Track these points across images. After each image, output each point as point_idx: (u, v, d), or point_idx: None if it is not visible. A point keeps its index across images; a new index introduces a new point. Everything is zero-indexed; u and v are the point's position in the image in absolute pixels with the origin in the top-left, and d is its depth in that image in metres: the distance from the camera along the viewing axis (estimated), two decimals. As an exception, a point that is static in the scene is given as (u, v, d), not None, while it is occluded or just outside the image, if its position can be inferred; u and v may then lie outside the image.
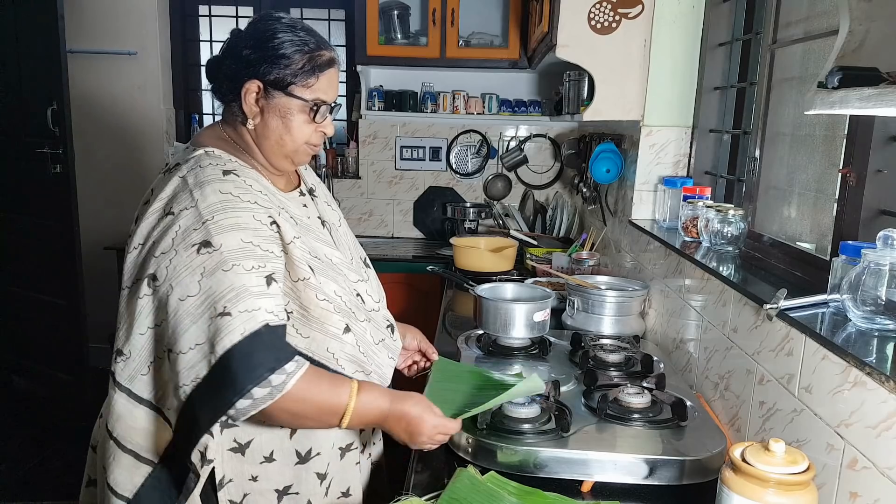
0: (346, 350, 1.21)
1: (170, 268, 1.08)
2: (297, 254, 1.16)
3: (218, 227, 1.08)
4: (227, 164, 1.18)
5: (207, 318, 1.05)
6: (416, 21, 3.58)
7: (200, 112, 4.13)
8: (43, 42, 3.25)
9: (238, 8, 4.05)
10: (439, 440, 1.20)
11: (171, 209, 1.12)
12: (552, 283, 2.32)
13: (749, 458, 0.90)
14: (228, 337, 1.03)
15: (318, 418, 1.14)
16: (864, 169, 1.22)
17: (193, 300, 1.06)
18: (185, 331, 1.06)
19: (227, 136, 1.25)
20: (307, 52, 1.18)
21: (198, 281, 1.06)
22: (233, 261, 1.06)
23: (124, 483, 1.16)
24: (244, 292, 1.05)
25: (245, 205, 1.12)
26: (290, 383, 1.06)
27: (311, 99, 1.19)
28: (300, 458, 1.22)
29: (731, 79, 2.00)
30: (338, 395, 1.12)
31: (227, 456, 1.18)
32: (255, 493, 1.20)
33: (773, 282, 1.36)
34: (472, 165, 3.81)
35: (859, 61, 0.90)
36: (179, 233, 1.09)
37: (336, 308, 1.20)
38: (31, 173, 3.43)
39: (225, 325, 1.04)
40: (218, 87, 1.24)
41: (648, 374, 1.56)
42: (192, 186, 1.13)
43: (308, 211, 1.30)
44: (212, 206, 1.10)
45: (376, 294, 1.37)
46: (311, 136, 1.23)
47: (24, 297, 3.67)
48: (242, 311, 1.05)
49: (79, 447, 3.21)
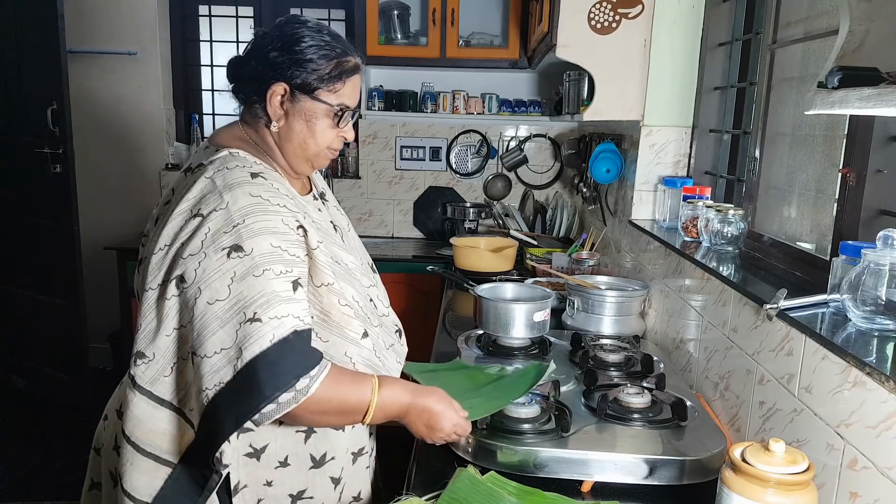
0: (364, 354, 1.21)
1: (199, 270, 1.07)
2: (322, 258, 1.16)
3: (249, 231, 1.07)
4: (253, 166, 1.17)
5: (236, 322, 1.04)
6: (416, 21, 3.58)
7: (200, 112, 4.13)
8: (43, 42, 3.24)
9: (238, 8, 4.05)
10: (454, 439, 1.23)
11: (199, 211, 1.11)
12: (552, 283, 2.32)
13: (749, 458, 0.90)
14: (258, 343, 1.03)
15: (342, 416, 1.15)
16: (864, 169, 1.22)
17: (223, 304, 1.05)
18: (212, 334, 1.05)
19: (247, 136, 1.24)
20: (334, 58, 1.18)
21: (228, 285, 1.05)
22: (263, 266, 1.06)
23: (143, 487, 1.14)
24: (274, 298, 1.05)
25: (275, 208, 1.12)
26: (314, 386, 1.06)
27: (337, 104, 1.19)
28: (315, 462, 1.22)
29: (731, 79, 2.00)
30: (361, 393, 1.13)
31: (243, 461, 1.17)
32: (269, 499, 1.19)
33: (773, 282, 1.36)
34: (472, 165, 3.81)
35: (859, 61, 0.90)
36: (209, 235, 1.08)
37: (356, 313, 1.20)
38: (31, 173, 3.43)
39: (255, 331, 1.03)
40: (240, 88, 1.23)
41: (648, 374, 1.56)
42: (222, 188, 1.11)
43: (322, 215, 1.30)
44: (243, 209, 1.09)
45: (385, 300, 1.37)
46: (333, 140, 1.23)
47: (24, 297, 3.67)
48: (273, 317, 1.04)
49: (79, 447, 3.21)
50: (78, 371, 3.55)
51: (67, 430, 3.35)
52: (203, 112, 4.15)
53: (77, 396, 3.54)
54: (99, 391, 1.28)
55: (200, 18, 4.08)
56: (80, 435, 3.25)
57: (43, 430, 3.37)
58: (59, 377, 3.62)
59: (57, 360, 3.62)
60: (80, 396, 3.52)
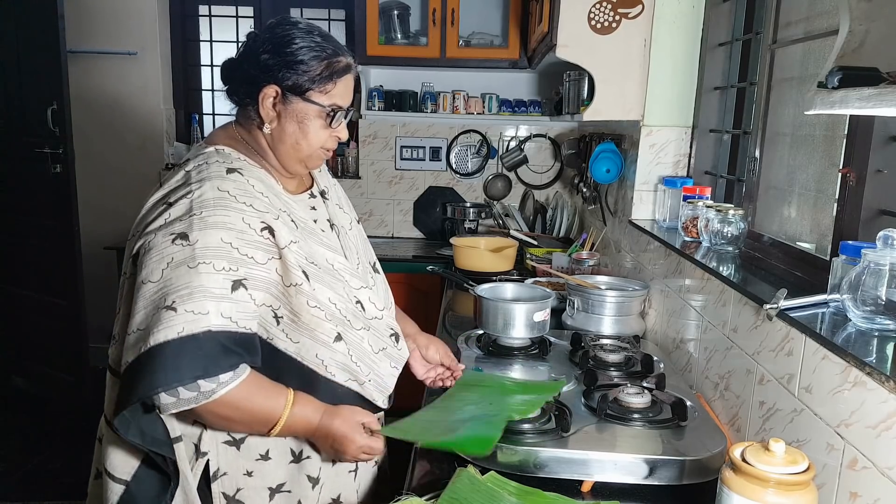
0: (337, 358, 1.21)
1: (144, 248, 1.10)
2: (292, 259, 1.16)
3: (203, 222, 1.09)
4: (233, 162, 1.19)
5: (154, 307, 1.05)
6: (416, 21, 3.58)
7: (200, 112, 4.13)
8: (43, 42, 3.24)
9: (238, 8, 4.05)
10: (364, 459, 1.23)
11: (168, 199, 1.14)
12: (552, 283, 2.32)
13: (749, 458, 0.90)
14: (164, 332, 1.03)
15: (249, 425, 1.15)
16: (864, 169, 1.22)
17: (151, 286, 1.07)
18: (137, 313, 1.07)
19: (239, 136, 1.25)
20: (325, 59, 1.18)
21: (162, 269, 1.07)
22: (202, 259, 1.06)
23: (122, 466, 1.18)
24: (199, 292, 1.05)
25: (238, 205, 1.12)
26: (220, 392, 1.06)
27: (329, 105, 1.20)
28: (294, 456, 1.23)
29: (731, 79, 2.00)
30: (271, 407, 1.13)
31: (223, 449, 1.18)
32: (249, 489, 1.20)
33: (773, 282, 1.36)
34: (472, 165, 3.81)
35: (859, 61, 0.90)
36: (167, 221, 1.11)
37: (328, 316, 1.19)
38: (31, 173, 3.43)
39: (166, 319, 1.03)
40: (234, 90, 1.24)
41: (648, 374, 1.56)
42: (194, 180, 1.14)
43: (316, 213, 1.30)
44: (204, 201, 1.11)
45: (381, 301, 1.34)
46: (326, 140, 1.23)
47: (24, 297, 3.67)
48: (189, 310, 1.04)
49: (79, 447, 3.22)
50: (78, 371, 3.55)
51: (67, 430, 3.35)
52: (203, 112, 4.15)
53: (77, 396, 3.54)
54: (99, 391, 1.29)
55: (200, 18, 4.08)
56: (80, 435, 3.26)
57: (43, 430, 3.37)
58: (59, 377, 3.62)
59: (57, 360, 3.62)
60: (80, 396, 3.52)
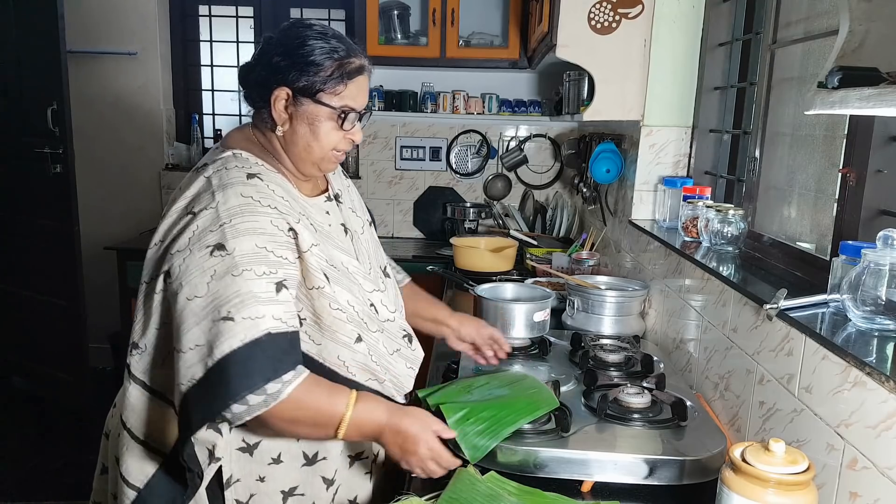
0: (358, 359, 1.21)
1: (182, 266, 1.09)
2: (314, 262, 1.16)
3: (234, 230, 1.09)
4: (252, 167, 1.19)
5: (210, 320, 1.05)
6: (416, 21, 3.58)
7: (200, 112, 4.13)
8: (43, 42, 3.24)
9: (238, 8, 4.05)
10: (431, 468, 1.15)
11: (192, 209, 1.13)
12: (552, 283, 2.32)
13: (749, 458, 0.90)
14: (228, 342, 1.03)
15: (315, 426, 1.12)
16: (864, 169, 1.22)
17: (200, 301, 1.06)
18: (188, 330, 1.06)
19: (256, 139, 1.25)
20: (337, 60, 1.18)
21: (206, 283, 1.06)
22: (244, 266, 1.07)
23: (136, 473, 1.18)
24: (250, 298, 1.05)
25: (264, 210, 1.12)
26: (286, 391, 1.06)
27: (339, 106, 1.19)
28: (307, 459, 1.22)
29: (731, 79, 2.00)
30: (335, 405, 1.11)
31: (236, 455, 1.18)
32: (262, 494, 1.20)
33: (773, 282, 1.36)
34: (472, 165, 3.81)
35: (859, 61, 0.90)
36: (196, 233, 1.10)
37: (349, 318, 1.20)
38: (31, 173, 3.43)
39: (226, 329, 1.04)
40: (249, 94, 1.24)
41: (648, 374, 1.56)
42: (216, 188, 1.13)
43: (330, 218, 1.30)
44: (231, 209, 1.10)
45: (392, 304, 1.35)
46: (338, 142, 1.23)
47: (24, 297, 3.67)
48: (246, 317, 1.04)
49: (78, 447, 3.22)
50: (78, 371, 3.55)
51: (67, 430, 3.35)
52: (203, 112, 4.14)
53: (77, 396, 3.54)
54: (99, 391, 1.30)
55: (200, 18, 4.08)
56: (80, 435, 3.27)
57: (43, 430, 3.37)
58: (59, 377, 3.62)
59: (57, 360, 3.62)
60: (80, 396, 3.52)
